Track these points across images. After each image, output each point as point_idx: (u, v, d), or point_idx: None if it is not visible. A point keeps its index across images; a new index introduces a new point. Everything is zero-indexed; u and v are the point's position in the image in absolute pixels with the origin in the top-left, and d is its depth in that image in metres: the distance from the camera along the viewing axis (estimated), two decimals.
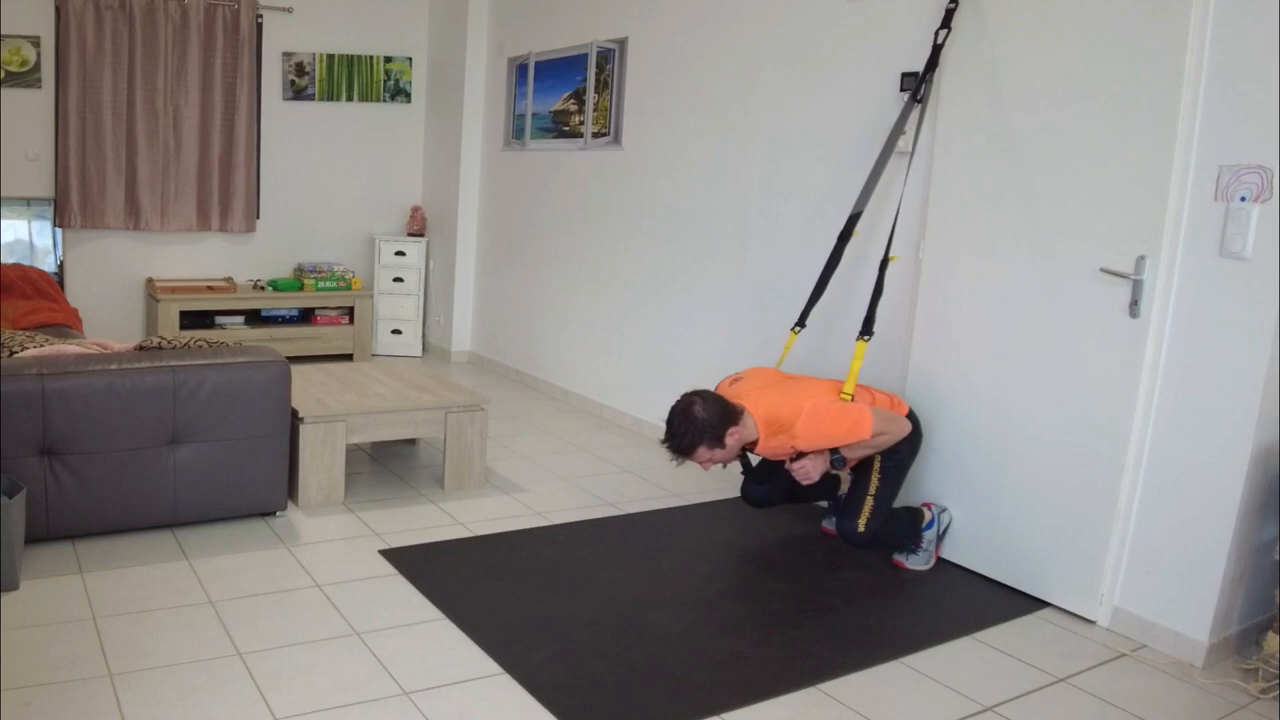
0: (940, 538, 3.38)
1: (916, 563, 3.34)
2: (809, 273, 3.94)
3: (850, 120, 3.83)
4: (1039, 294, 3.12)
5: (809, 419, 3.07)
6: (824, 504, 3.85)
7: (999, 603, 3.14)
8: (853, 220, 3.55)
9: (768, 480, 3.45)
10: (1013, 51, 3.17)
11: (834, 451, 3.14)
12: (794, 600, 3.06)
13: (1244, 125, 2.66)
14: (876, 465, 3.22)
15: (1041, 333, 3.12)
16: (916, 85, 3.43)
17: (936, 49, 3.37)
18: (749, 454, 3.38)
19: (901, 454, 3.25)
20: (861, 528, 3.16)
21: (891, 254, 3.42)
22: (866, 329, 3.34)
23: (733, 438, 3.08)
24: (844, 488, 3.46)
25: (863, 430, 3.07)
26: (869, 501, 3.18)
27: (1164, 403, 2.87)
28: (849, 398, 3.18)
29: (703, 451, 3.08)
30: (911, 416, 3.29)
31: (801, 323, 3.64)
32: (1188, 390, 2.82)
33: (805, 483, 3.13)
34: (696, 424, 3.05)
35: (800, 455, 3.14)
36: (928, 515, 3.34)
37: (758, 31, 4.25)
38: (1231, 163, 2.69)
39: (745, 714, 2.41)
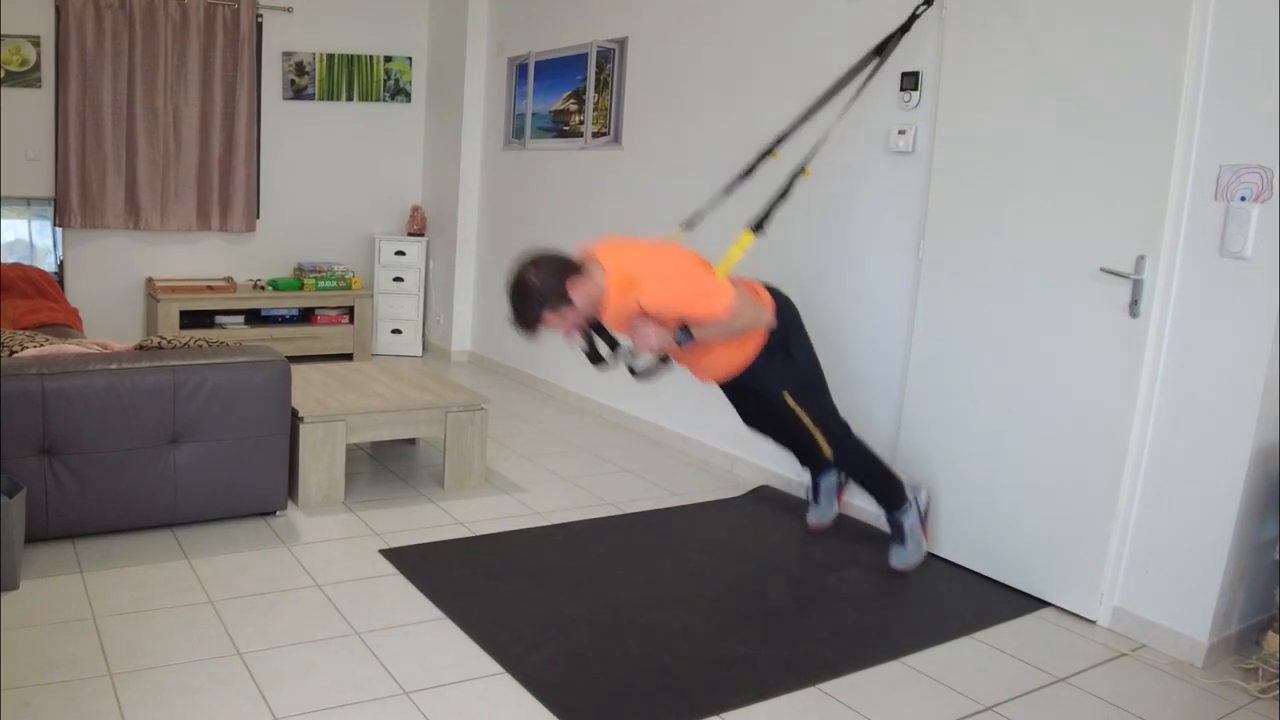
0: (923, 521, 3.34)
1: (911, 556, 3.28)
2: (809, 272, 3.94)
3: (850, 120, 3.82)
4: (1039, 294, 3.12)
5: (660, 277, 2.82)
6: (803, 499, 3.84)
7: (999, 603, 3.14)
8: (778, 141, 3.44)
9: (755, 421, 3.42)
10: (1012, 51, 3.17)
11: (684, 330, 2.89)
12: (794, 600, 3.06)
13: (1244, 125, 2.66)
14: (787, 400, 3.06)
15: (1041, 333, 3.12)
16: (884, 41, 3.41)
17: (914, 16, 3.39)
18: (597, 333, 3.12)
19: (791, 366, 3.07)
20: (828, 453, 3.02)
21: (806, 168, 3.29)
22: (758, 225, 3.14)
23: (578, 292, 2.80)
24: (827, 453, 3.25)
25: (719, 302, 2.84)
26: (815, 430, 3.03)
27: (1164, 403, 2.87)
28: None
29: (549, 315, 2.82)
30: (778, 297, 3.11)
31: (690, 224, 3.46)
32: (1188, 390, 2.82)
33: (644, 349, 2.87)
34: (535, 289, 2.78)
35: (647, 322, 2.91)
36: (907, 494, 3.28)
37: (758, 31, 4.25)
38: (1231, 162, 2.69)
39: (745, 713, 2.41)
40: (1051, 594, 3.13)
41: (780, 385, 3.14)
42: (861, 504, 3.74)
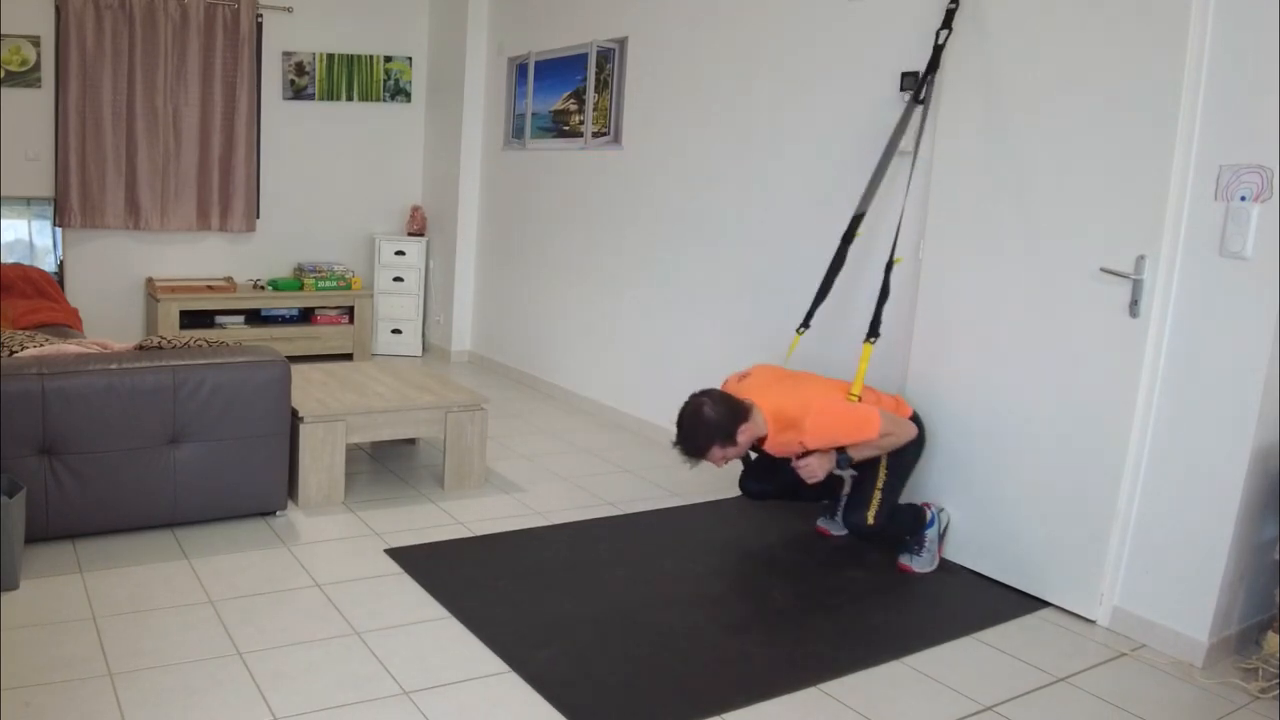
0: (941, 537, 3.38)
1: (921, 564, 3.33)
2: (808, 271, 3.94)
3: (850, 120, 3.83)
4: (1039, 294, 3.12)
5: (818, 416, 3.09)
6: (824, 501, 3.84)
7: (999, 603, 3.14)
8: (856, 221, 3.56)
9: (767, 479, 3.45)
10: (1013, 51, 3.17)
11: (840, 451, 3.15)
12: (797, 600, 3.06)
13: (1244, 125, 2.66)
14: (884, 460, 3.23)
15: (1041, 332, 3.12)
16: (918, 86, 3.43)
17: (937, 50, 3.37)
18: (751, 450, 3.38)
19: (907, 454, 3.27)
20: (871, 520, 3.18)
21: (896, 255, 3.42)
22: (873, 331, 3.35)
23: (744, 434, 3.10)
24: (846, 488, 3.47)
25: (870, 429, 3.09)
26: (877, 495, 3.21)
27: (1164, 403, 2.87)
28: (856, 399, 3.19)
29: (716, 451, 3.11)
30: (916, 420, 3.30)
31: (806, 323, 3.64)
32: (1188, 390, 2.82)
33: (810, 481, 3.14)
34: (708, 424, 3.06)
35: (807, 454, 3.15)
36: (928, 514, 3.35)
37: (758, 31, 4.25)
38: (1231, 162, 2.69)
39: (748, 713, 2.41)
40: (1051, 594, 3.13)
41: (889, 455, 3.25)
42: None
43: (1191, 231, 2.79)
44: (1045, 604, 3.14)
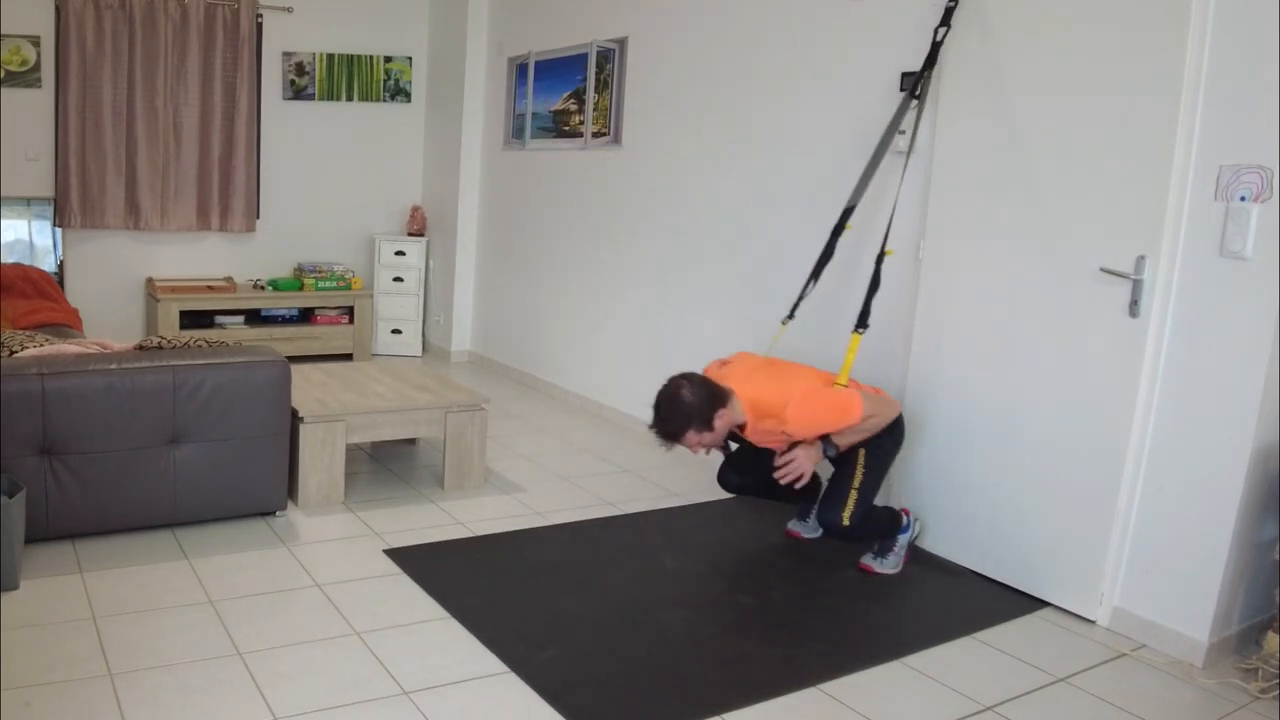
0: (910, 544, 3.37)
1: (885, 566, 3.30)
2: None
3: (850, 120, 3.83)
4: (1039, 293, 3.12)
5: (800, 404, 3.04)
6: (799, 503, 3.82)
7: (999, 603, 3.14)
8: (846, 214, 3.55)
9: (746, 472, 3.42)
10: (1013, 51, 3.17)
11: (825, 440, 3.12)
12: (796, 600, 3.06)
13: (1244, 125, 2.66)
14: (861, 459, 3.19)
15: (1041, 332, 3.12)
16: (915, 82, 3.44)
17: (935, 46, 3.37)
18: (731, 440, 3.35)
19: (886, 447, 3.24)
20: (845, 520, 3.12)
21: (888, 248, 3.42)
22: (862, 322, 3.33)
23: (721, 420, 3.05)
24: (845, 520, 3.37)
25: (853, 413, 3.06)
26: (853, 494, 3.15)
27: (1164, 403, 2.87)
28: (842, 389, 3.17)
29: (691, 435, 3.06)
30: (899, 416, 3.27)
31: (791, 315, 3.63)
32: (1188, 390, 2.82)
33: (797, 475, 3.09)
34: (684, 407, 3.02)
35: (793, 447, 3.12)
36: (904, 520, 3.32)
37: (757, 31, 4.25)
38: (1231, 162, 2.69)
39: (748, 713, 2.41)
40: (1051, 594, 3.13)
41: (862, 444, 3.20)
42: None
43: (1191, 231, 2.79)
44: (1045, 604, 3.14)
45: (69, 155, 5.66)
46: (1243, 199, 2.67)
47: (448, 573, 3.11)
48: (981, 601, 3.15)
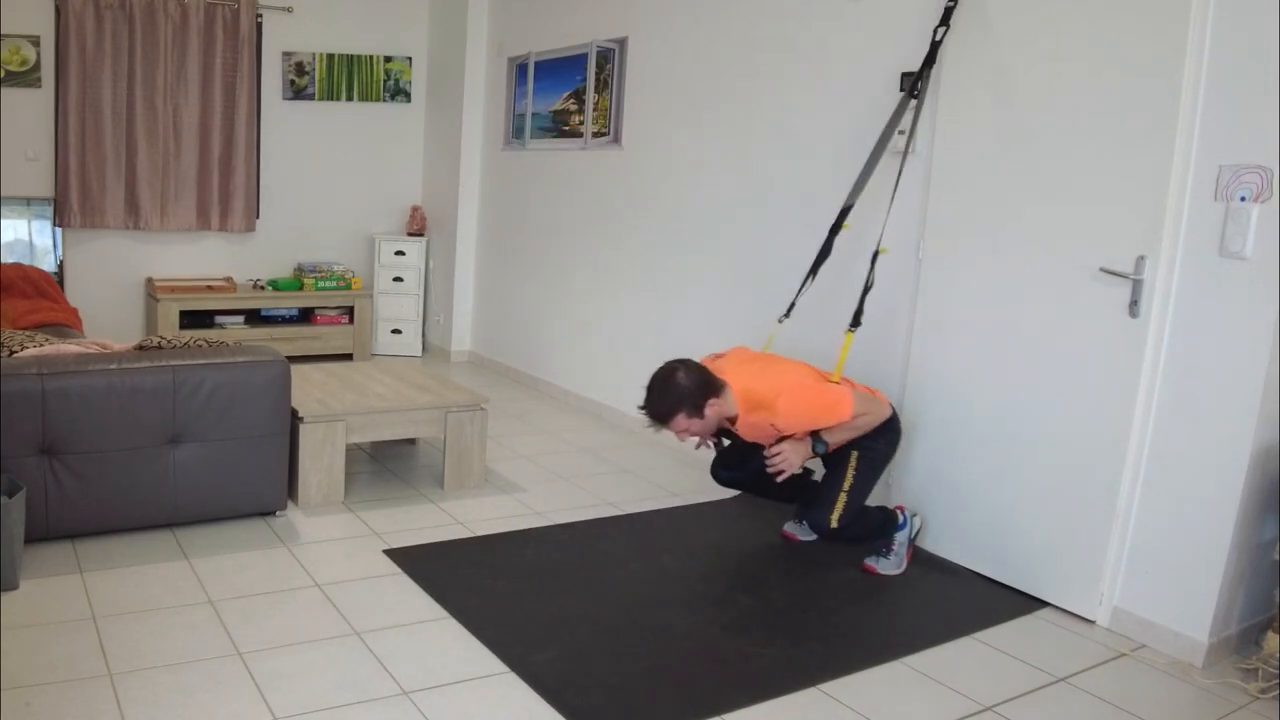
0: (911, 541, 3.36)
1: (888, 567, 3.29)
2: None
3: (849, 120, 3.83)
4: (1039, 293, 3.12)
5: (790, 397, 3.04)
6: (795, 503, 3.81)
7: (999, 603, 3.14)
8: (844, 213, 3.55)
9: (738, 467, 3.41)
10: (1013, 51, 3.17)
11: (815, 436, 3.11)
12: (796, 600, 3.06)
13: (1244, 125, 2.66)
14: (853, 461, 3.17)
15: (1041, 332, 3.12)
16: (913, 82, 3.43)
17: (934, 46, 3.37)
18: (723, 435, 3.33)
19: (879, 450, 3.22)
20: (834, 522, 3.11)
21: (882, 246, 3.41)
22: (855, 321, 3.33)
23: (712, 409, 3.04)
24: (834, 520, 3.33)
25: (843, 409, 3.05)
26: (843, 497, 3.14)
27: (1164, 403, 2.87)
28: (834, 385, 3.15)
29: (681, 420, 3.05)
30: (893, 415, 3.26)
31: (787, 313, 3.62)
32: (1188, 390, 2.82)
33: (784, 467, 3.07)
34: (677, 390, 3.02)
35: (782, 441, 3.11)
36: (900, 518, 3.31)
37: (757, 31, 4.25)
38: (1231, 162, 2.69)
39: (749, 713, 2.41)
40: (1051, 594, 3.13)
41: (854, 446, 3.19)
42: None
43: (1191, 231, 2.79)
44: (1045, 604, 3.14)
45: (69, 155, 5.66)
46: (1243, 199, 2.67)
47: (447, 573, 3.11)
48: (981, 601, 3.15)
